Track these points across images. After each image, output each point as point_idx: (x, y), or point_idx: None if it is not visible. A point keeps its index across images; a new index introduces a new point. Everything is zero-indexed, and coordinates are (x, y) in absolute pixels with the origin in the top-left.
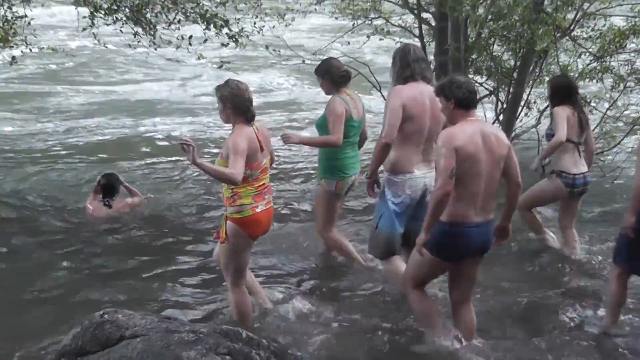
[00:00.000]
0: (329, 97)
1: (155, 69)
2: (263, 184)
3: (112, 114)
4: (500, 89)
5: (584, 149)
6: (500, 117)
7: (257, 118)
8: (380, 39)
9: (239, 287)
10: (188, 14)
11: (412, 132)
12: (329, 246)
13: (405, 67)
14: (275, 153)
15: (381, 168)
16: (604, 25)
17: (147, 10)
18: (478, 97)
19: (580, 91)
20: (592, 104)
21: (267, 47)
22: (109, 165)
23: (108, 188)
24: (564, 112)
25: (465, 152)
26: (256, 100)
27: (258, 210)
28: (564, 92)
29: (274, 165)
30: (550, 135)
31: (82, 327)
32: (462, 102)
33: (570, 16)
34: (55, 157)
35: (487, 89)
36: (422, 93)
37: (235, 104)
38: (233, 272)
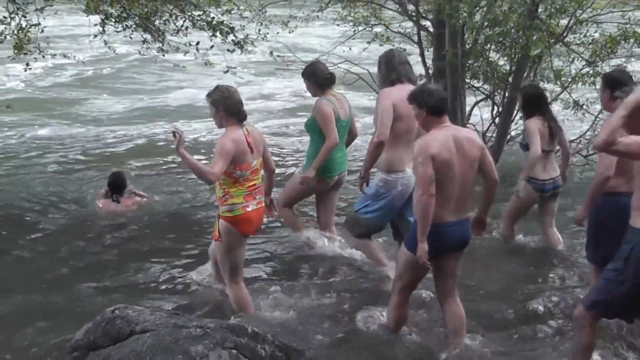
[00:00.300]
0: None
1: (192, 74)
2: (254, 184)
3: (146, 119)
4: (496, 93)
5: (559, 153)
6: (496, 120)
7: (263, 124)
8: (381, 45)
9: (237, 284)
10: (195, 22)
11: (402, 132)
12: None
13: (391, 71)
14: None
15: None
16: (596, 32)
17: (156, 17)
18: (475, 100)
19: (574, 95)
20: (585, 107)
21: (271, 53)
22: (127, 166)
23: (115, 185)
24: (535, 126)
25: (440, 159)
26: (270, 105)
27: (249, 209)
28: (535, 102)
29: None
30: (524, 145)
31: (94, 322)
32: (433, 109)
33: (563, 23)
34: (81, 161)
35: (483, 93)
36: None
37: (227, 106)
38: (229, 269)
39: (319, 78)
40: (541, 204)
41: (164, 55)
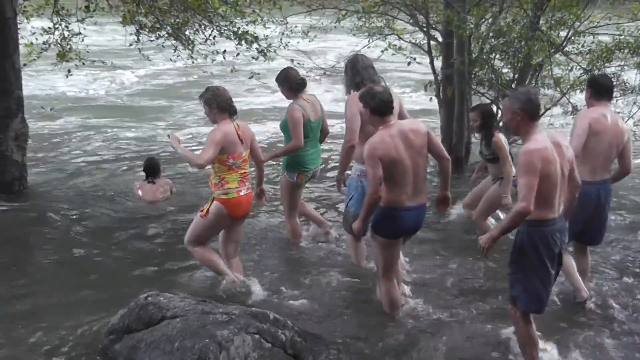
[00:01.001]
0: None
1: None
2: (245, 172)
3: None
4: (500, 99)
5: None
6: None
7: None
8: (393, 54)
9: (201, 246)
10: (222, 31)
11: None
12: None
13: (356, 74)
14: None
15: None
16: (593, 42)
17: (186, 28)
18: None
19: (572, 100)
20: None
21: (292, 61)
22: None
23: (150, 169)
24: (504, 141)
25: (389, 159)
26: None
27: (242, 193)
28: (494, 119)
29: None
30: (486, 156)
31: (129, 308)
32: (376, 110)
33: (563, 34)
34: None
35: (488, 98)
36: None
37: (219, 103)
38: (196, 238)
39: (292, 83)
40: None
41: (192, 63)
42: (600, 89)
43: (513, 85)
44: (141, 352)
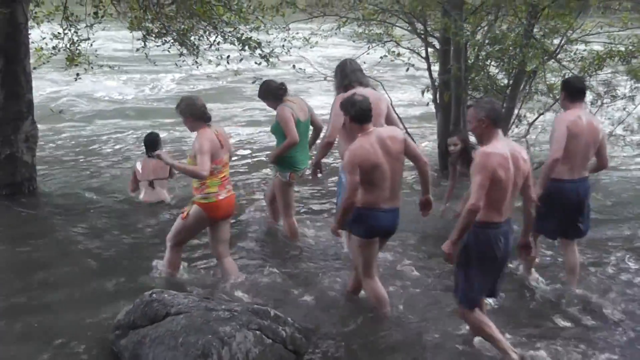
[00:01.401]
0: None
1: (298, 84)
2: (224, 176)
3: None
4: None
5: None
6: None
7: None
8: (392, 60)
9: (176, 249)
10: (226, 37)
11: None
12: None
13: (344, 77)
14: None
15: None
16: (585, 50)
17: (192, 33)
18: None
19: None
20: None
21: (294, 66)
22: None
23: (150, 143)
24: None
25: (369, 164)
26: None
27: (221, 197)
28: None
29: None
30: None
31: (134, 304)
32: (355, 118)
33: (556, 41)
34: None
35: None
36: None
37: (193, 112)
38: (179, 240)
39: (274, 93)
40: None
41: (197, 68)
42: (574, 91)
43: (508, 91)
44: (146, 347)
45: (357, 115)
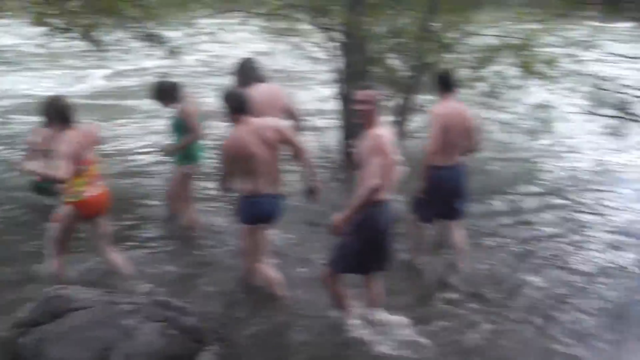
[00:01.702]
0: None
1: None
2: (92, 174)
3: None
4: (395, 96)
5: None
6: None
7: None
8: (299, 53)
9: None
10: (133, 33)
11: None
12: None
13: (243, 75)
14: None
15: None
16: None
17: (98, 29)
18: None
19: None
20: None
21: (196, 60)
22: None
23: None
24: None
25: (244, 153)
26: None
27: (90, 195)
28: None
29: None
30: None
31: (38, 302)
32: (232, 109)
33: (453, 35)
34: None
35: (385, 95)
36: (259, 91)
37: (58, 116)
38: (58, 242)
39: (172, 94)
40: None
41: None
42: (446, 83)
43: (407, 83)
44: (48, 344)
45: (233, 106)
